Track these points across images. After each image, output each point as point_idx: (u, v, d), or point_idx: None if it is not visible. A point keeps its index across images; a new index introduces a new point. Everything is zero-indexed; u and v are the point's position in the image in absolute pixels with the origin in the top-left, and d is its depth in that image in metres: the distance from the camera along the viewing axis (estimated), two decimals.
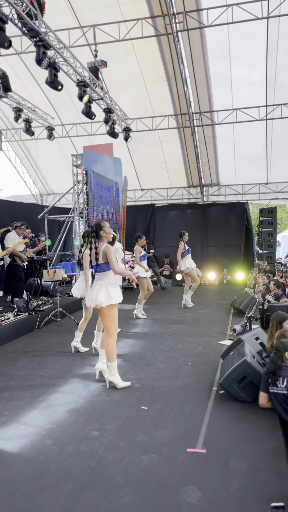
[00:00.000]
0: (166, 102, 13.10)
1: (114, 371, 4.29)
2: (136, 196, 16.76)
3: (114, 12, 10.33)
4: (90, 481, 2.64)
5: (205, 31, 10.58)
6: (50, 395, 4.13)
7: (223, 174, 15.31)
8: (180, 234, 9.00)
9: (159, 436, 3.22)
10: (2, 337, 6.23)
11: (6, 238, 8.01)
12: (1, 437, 3.25)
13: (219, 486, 2.57)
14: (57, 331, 7.11)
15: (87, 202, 10.51)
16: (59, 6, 10.26)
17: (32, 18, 6.95)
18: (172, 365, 4.99)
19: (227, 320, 7.67)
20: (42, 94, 13.47)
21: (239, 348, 4.18)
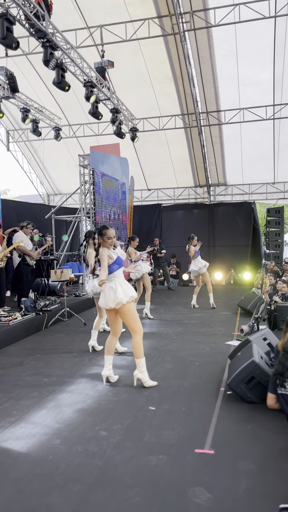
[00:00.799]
0: (173, 102, 13.09)
1: (143, 368, 4.29)
2: (143, 196, 16.77)
3: (121, 12, 10.34)
4: (98, 481, 2.65)
5: (212, 30, 10.56)
6: (57, 395, 4.14)
7: (230, 173, 15.28)
8: (188, 238, 8.98)
9: (167, 436, 3.22)
10: (10, 337, 6.26)
11: (14, 238, 8.06)
12: (10, 436, 3.27)
13: (227, 487, 2.56)
14: (65, 331, 7.13)
15: (93, 202, 10.53)
16: (66, 6, 10.30)
17: (40, 19, 6.97)
18: (179, 366, 4.98)
19: (234, 320, 7.65)
20: (49, 94, 13.52)
21: (247, 348, 4.16)
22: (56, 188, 17.90)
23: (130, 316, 4.28)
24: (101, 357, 5.36)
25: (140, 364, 4.27)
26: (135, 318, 4.30)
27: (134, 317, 4.30)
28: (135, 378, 4.31)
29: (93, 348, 5.77)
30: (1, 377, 4.73)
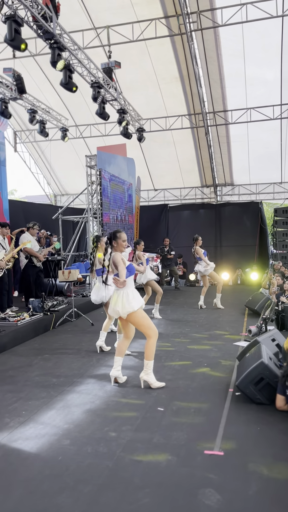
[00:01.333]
0: (180, 102, 13.09)
1: (149, 371, 4.28)
2: (149, 196, 16.78)
3: (128, 13, 10.36)
4: (108, 482, 2.65)
5: (219, 30, 10.54)
6: (66, 395, 4.15)
7: (237, 173, 15.25)
8: (193, 239, 8.96)
9: (176, 437, 3.22)
10: (18, 337, 6.29)
11: (21, 239, 8.09)
12: (20, 436, 3.28)
13: (237, 489, 2.56)
14: (72, 331, 7.15)
15: (100, 203, 10.55)
16: (73, 8, 10.33)
17: (47, 20, 7.00)
18: (187, 366, 4.98)
19: (242, 321, 7.63)
20: (56, 95, 13.57)
21: (256, 349, 4.15)
22: (63, 188, 17.95)
23: (140, 324, 4.26)
24: (109, 357, 5.38)
25: (148, 366, 4.27)
26: (147, 324, 4.26)
27: (144, 323, 4.26)
28: (142, 380, 4.31)
29: (100, 348, 5.78)
30: (10, 377, 4.76)
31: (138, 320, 4.25)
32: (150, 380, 4.26)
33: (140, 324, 4.26)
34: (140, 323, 4.26)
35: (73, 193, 16.98)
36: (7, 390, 4.31)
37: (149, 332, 4.27)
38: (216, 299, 8.99)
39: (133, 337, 4.58)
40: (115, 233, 4.38)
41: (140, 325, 4.27)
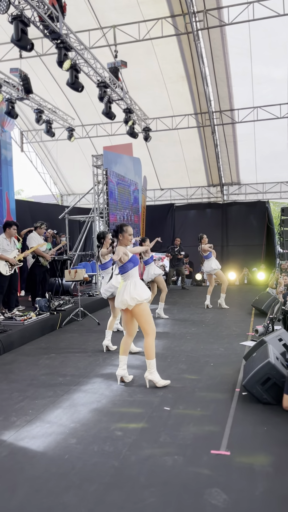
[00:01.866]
0: (186, 101, 13.06)
1: (153, 369, 4.27)
2: (156, 195, 16.77)
3: (134, 12, 10.35)
4: (114, 481, 2.65)
5: (226, 28, 10.50)
6: (73, 394, 4.16)
7: (243, 173, 15.19)
8: (198, 238, 8.94)
9: (182, 437, 3.21)
10: (24, 336, 6.31)
11: (29, 239, 8.13)
12: (27, 435, 3.29)
13: (244, 489, 2.55)
14: (79, 330, 7.17)
15: (107, 203, 10.56)
16: (79, 7, 10.34)
17: (54, 20, 7.01)
18: (193, 366, 4.97)
19: (248, 320, 7.60)
20: (62, 95, 13.60)
21: (262, 349, 4.13)
22: (70, 188, 17.99)
23: (143, 318, 4.27)
24: (115, 356, 5.39)
25: (151, 365, 4.26)
26: (148, 320, 4.28)
27: (147, 318, 4.27)
28: (146, 380, 4.30)
29: (107, 347, 5.79)
30: (16, 376, 4.78)
31: (142, 313, 4.25)
32: (155, 379, 4.26)
33: (143, 318, 4.26)
34: (143, 317, 4.26)
35: (79, 193, 17.01)
36: (14, 389, 4.33)
37: (148, 328, 4.26)
38: (220, 299, 8.96)
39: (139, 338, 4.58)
40: (121, 226, 4.42)
41: (142, 319, 4.26)
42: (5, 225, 7.21)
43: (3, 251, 7.02)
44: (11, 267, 7.11)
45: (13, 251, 7.21)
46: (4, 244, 7.08)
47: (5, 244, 7.11)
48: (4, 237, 7.15)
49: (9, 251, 7.14)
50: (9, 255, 7.11)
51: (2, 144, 10.25)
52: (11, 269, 7.10)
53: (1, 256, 6.94)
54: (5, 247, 7.09)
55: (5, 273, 7.02)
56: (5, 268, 7.01)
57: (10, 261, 7.06)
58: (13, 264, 7.12)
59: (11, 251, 7.17)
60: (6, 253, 7.06)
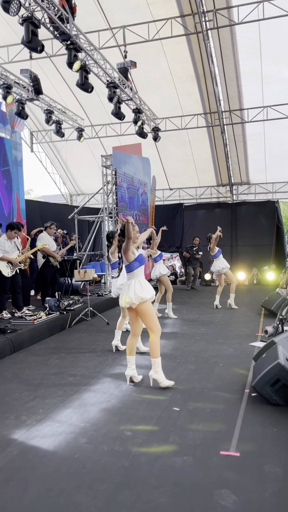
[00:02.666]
0: (195, 101, 13.05)
1: (158, 368, 4.27)
2: (165, 195, 16.76)
3: (143, 13, 10.36)
4: (124, 480, 2.67)
5: (236, 28, 10.47)
6: (82, 394, 4.19)
7: (253, 172, 15.13)
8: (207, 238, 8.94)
9: (192, 437, 3.22)
10: (34, 336, 6.36)
11: (39, 239, 8.18)
12: (37, 434, 3.33)
13: (254, 490, 2.55)
14: (88, 330, 7.20)
15: (116, 203, 10.59)
16: (89, 8, 10.38)
17: (64, 21, 7.06)
18: (203, 366, 4.97)
19: (258, 321, 7.58)
20: (72, 95, 13.66)
21: (272, 350, 4.12)
22: (79, 188, 18.06)
23: (147, 315, 4.27)
24: (125, 356, 5.38)
25: (156, 364, 4.26)
26: (152, 318, 4.28)
27: (151, 316, 4.28)
28: (151, 378, 4.31)
29: (116, 348, 5.81)
30: (27, 375, 4.82)
31: (146, 311, 4.25)
32: (160, 378, 4.25)
33: (147, 316, 4.26)
34: (147, 315, 4.26)
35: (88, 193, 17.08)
36: (24, 389, 4.37)
37: (152, 326, 4.26)
38: (230, 299, 8.95)
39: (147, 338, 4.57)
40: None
41: (147, 316, 4.26)
42: (8, 227, 7.25)
43: (5, 252, 7.07)
44: (13, 268, 7.18)
45: (14, 252, 7.27)
46: (6, 246, 7.13)
47: (7, 245, 7.15)
48: (6, 239, 7.20)
49: (11, 252, 7.20)
50: (10, 256, 7.16)
51: (12, 145, 10.33)
52: (12, 270, 7.17)
53: (3, 257, 6.99)
54: (7, 248, 7.13)
55: (7, 275, 7.08)
56: (7, 270, 7.08)
57: (12, 262, 7.10)
58: (15, 264, 7.17)
59: (12, 252, 7.22)
60: (8, 255, 7.12)
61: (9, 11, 6.10)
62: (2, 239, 7.18)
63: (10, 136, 10.31)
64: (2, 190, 9.99)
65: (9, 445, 3.17)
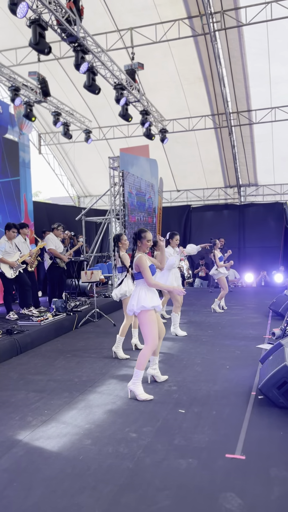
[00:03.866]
0: (203, 102, 13.03)
1: (138, 382, 4.06)
2: (172, 197, 16.75)
3: (151, 15, 10.38)
4: (129, 482, 2.65)
5: (243, 29, 10.44)
6: (88, 395, 4.18)
7: (261, 174, 15.06)
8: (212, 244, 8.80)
9: (197, 440, 3.20)
10: (41, 337, 6.37)
11: (46, 240, 8.20)
12: (42, 435, 3.32)
13: (259, 494, 2.52)
14: (95, 331, 7.20)
15: (123, 204, 10.59)
16: (97, 10, 10.41)
17: (71, 23, 7.09)
18: (209, 369, 4.94)
19: (265, 323, 7.52)
20: (79, 97, 13.70)
21: (279, 352, 4.08)
22: (86, 190, 18.11)
23: (145, 327, 4.13)
24: (131, 358, 5.40)
25: (137, 376, 4.05)
26: (150, 330, 4.12)
27: (149, 328, 4.12)
28: (129, 389, 4.12)
29: (115, 354, 5.55)
30: (33, 376, 4.82)
31: (145, 322, 4.11)
32: (137, 391, 4.03)
33: (145, 327, 4.12)
34: (145, 326, 4.12)
35: (96, 194, 17.10)
36: (30, 389, 4.37)
37: (148, 338, 4.10)
38: (214, 304, 8.79)
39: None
40: (140, 233, 4.29)
41: (144, 327, 4.13)
42: (5, 227, 7.27)
43: (5, 253, 7.10)
44: (16, 269, 7.21)
45: (15, 253, 7.30)
46: (7, 247, 7.16)
47: (7, 246, 7.18)
48: (6, 240, 7.22)
49: (12, 253, 7.23)
50: (11, 257, 7.18)
51: (20, 147, 10.38)
52: (15, 271, 7.20)
53: (2, 260, 7.02)
54: (8, 249, 7.16)
55: (10, 276, 7.12)
56: (10, 271, 7.12)
57: (10, 264, 7.12)
58: (15, 266, 7.20)
59: (13, 254, 7.25)
60: (9, 256, 7.14)
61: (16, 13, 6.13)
62: (2, 240, 7.21)
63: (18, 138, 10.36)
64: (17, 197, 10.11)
65: (14, 446, 3.17)
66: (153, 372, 4.49)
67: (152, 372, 4.49)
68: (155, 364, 4.49)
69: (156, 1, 10.21)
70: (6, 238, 7.24)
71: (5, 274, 7.06)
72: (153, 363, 4.48)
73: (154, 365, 4.49)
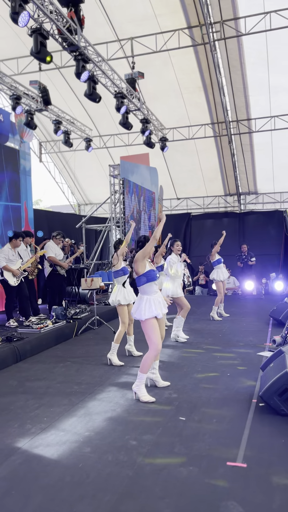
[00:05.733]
0: (203, 111, 13.10)
1: (141, 384, 4.19)
2: (172, 205, 16.78)
3: (151, 24, 10.47)
4: (129, 491, 2.62)
5: (243, 39, 10.53)
6: (88, 402, 4.15)
7: (260, 182, 15.10)
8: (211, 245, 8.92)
9: (198, 448, 3.16)
10: (41, 344, 6.34)
11: (46, 248, 8.20)
12: (41, 443, 3.29)
13: (261, 502, 2.49)
14: (94, 339, 7.17)
15: (123, 212, 10.60)
16: (97, 20, 10.51)
17: (72, 33, 7.14)
18: (210, 376, 4.91)
19: (266, 330, 7.49)
20: (80, 106, 13.79)
21: (280, 359, 4.05)
22: (87, 198, 18.15)
23: (148, 332, 4.21)
24: (130, 366, 5.37)
25: (141, 379, 4.18)
26: (153, 335, 4.18)
27: (152, 334, 4.18)
28: (133, 391, 4.22)
29: (110, 361, 5.56)
30: (32, 383, 4.79)
31: (145, 329, 4.22)
32: (140, 393, 4.14)
33: (147, 333, 4.22)
34: (146, 333, 4.23)
35: (96, 202, 17.14)
36: (30, 397, 4.34)
37: (150, 343, 4.20)
38: (212, 311, 8.76)
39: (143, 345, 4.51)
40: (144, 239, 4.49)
41: (147, 333, 4.22)
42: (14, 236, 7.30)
43: (8, 261, 7.11)
44: (18, 277, 7.23)
45: (18, 261, 7.31)
46: (10, 255, 7.18)
47: (10, 254, 7.20)
48: (10, 248, 7.24)
49: (14, 261, 7.25)
50: (14, 265, 7.21)
51: (21, 155, 10.42)
52: (18, 279, 7.22)
53: (6, 267, 7.04)
54: (11, 257, 7.18)
55: (13, 284, 7.14)
56: (13, 279, 7.13)
57: (13, 272, 7.14)
58: (17, 274, 7.22)
59: (16, 261, 7.27)
60: (11, 263, 7.17)
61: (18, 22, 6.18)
62: (6, 248, 7.22)
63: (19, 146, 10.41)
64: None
65: (12, 453, 3.13)
66: (152, 376, 4.49)
67: (151, 376, 4.49)
68: (154, 368, 4.48)
69: (156, 11, 10.31)
70: (11, 246, 7.25)
71: (8, 281, 7.06)
72: (152, 368, 4.47)
73: (153, 369, 4.48)
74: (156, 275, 4.36)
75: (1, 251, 7.18)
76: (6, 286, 7.18)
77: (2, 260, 7.05)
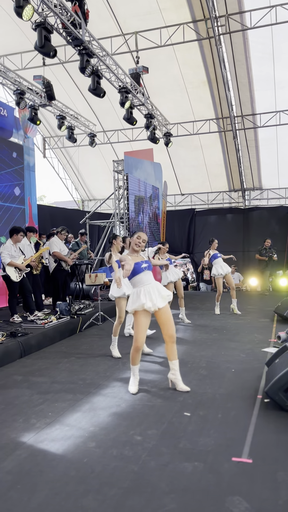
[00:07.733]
0: (207, 106, 13.04)
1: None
2: (176, 201, 16.74)
3: (156, 19, 10.41)
4: (134, 486, 2.62)
5: (248, 33, 10.45)
6: (92, 398, 4.15)
7: (265, 177, 15.04)
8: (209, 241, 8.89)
9: (203, 443, 3.15)
10: (45, 340, 6.35)
11: (50, 243, 8.20)
12: (46, 437, 3.29)
13: (267, 498, 2.47)
14: (98, 334, 7.17)
15: (127, 207, 10.58)
16: (102, 14, 10.46)
17: (76, 27, 7.10)
18: (214, 372, 4.89)
19: (271, 327, 7.47)
20: (84, 101, 13.75)
21: (285, 355, 4.04)
22: (91, 193, 18.13)
23: (136, 326, 4.25)
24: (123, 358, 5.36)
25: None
26: (139, 330, 4.20)
27: (139, 328, 4.21)
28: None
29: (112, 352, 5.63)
30: (37, 379, 4.80)
31: (135, 322, 4.26)
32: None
33: (135, 326, 4.26)
34: (135, 326, 4.26)
35: (100, 198, 17.14)
36: (34, 392, 4.34)
37: (135, 336, 4.22)
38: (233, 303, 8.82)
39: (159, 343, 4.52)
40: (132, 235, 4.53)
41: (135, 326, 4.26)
42: (12, 231, 7.28)
43: (11, 257, 7.10)
44: (20, 272, 7.22)
45: (20, 256, 7.30)
46: (12, 250, 7.16)
47: (13, 250, 7.19)
48: (12, 243, 7.22)
49: (17, 257, 7.24)
50: (16, 260, 7.20)
51: (25, 150, 10.41)
52: (20, 275, 7.21)
53: (11, 263, 7.03)
54: (13, 253, 7.17)
55: (16, 279, 7.13)
56: (15, 274, 7.12)
57: (19, 267, 7.14)
58: (22, 269, 7.22)
59: (18, 257, 7.26)
60: (14, 259, 7.15)
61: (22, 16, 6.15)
62: (8, 244, 7.21)
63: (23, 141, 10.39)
64: None
65: (17, 448, 3.14)
66: (171, 378, 4.35)
67: (171, 377, 4.36)
68: (173, 369, 4.33)
69: (161, 5, 10.25)
70: (12, 241, 7.24)
71: (11, 277, 7.06)
72: (171, 369, 4.36)
73: (172, 370, 4.35)
74: (141, 267, 4.29)
75: (4, 248, 7.17)
76: (9, 282, 7.18)
77: (6, 256, 7.04)
